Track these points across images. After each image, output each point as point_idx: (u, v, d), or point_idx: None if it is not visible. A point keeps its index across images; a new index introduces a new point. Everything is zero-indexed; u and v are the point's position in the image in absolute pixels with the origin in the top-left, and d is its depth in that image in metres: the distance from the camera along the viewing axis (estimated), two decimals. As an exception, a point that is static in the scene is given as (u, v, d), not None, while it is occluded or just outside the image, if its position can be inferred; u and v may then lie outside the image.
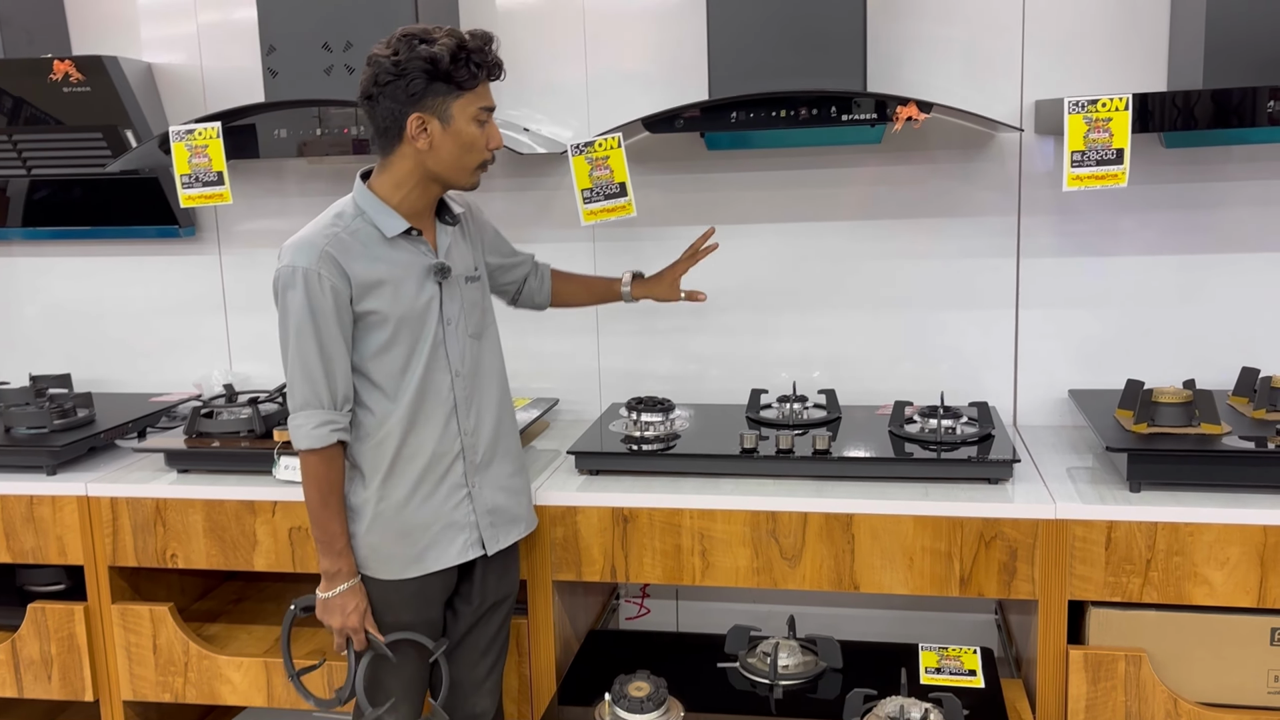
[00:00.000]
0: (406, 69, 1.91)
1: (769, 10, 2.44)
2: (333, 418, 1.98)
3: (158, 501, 2.50)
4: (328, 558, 2.03)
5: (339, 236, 1.98)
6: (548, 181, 2.92)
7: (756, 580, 2.31)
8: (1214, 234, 2.66)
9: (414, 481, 2.06)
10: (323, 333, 1.95)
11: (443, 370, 2.07)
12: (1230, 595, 2.14)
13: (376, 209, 2.02)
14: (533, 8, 2.86)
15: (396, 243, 2.03)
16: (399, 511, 2.06)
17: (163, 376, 3.22)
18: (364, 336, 2.01)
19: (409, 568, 2.08)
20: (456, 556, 2.11)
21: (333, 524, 2.02)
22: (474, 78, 1.95)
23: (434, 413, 2.06)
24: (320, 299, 1.94)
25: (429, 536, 2.08)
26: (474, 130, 1.98)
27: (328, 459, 2.00)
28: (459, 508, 2.11)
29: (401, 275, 2.02)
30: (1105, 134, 2.19)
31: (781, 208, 2.83)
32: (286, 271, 1.96)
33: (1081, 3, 2.61)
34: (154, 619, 2.56)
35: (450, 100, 1.95)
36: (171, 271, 3.18)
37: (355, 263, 1.97)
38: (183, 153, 2.56)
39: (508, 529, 2.19)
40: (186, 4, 3.01)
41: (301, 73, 2.63)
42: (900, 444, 2.45)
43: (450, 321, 2.08)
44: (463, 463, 2.11)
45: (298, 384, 1.98)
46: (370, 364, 2.02)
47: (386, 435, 2.04)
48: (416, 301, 2.03)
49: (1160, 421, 2.32)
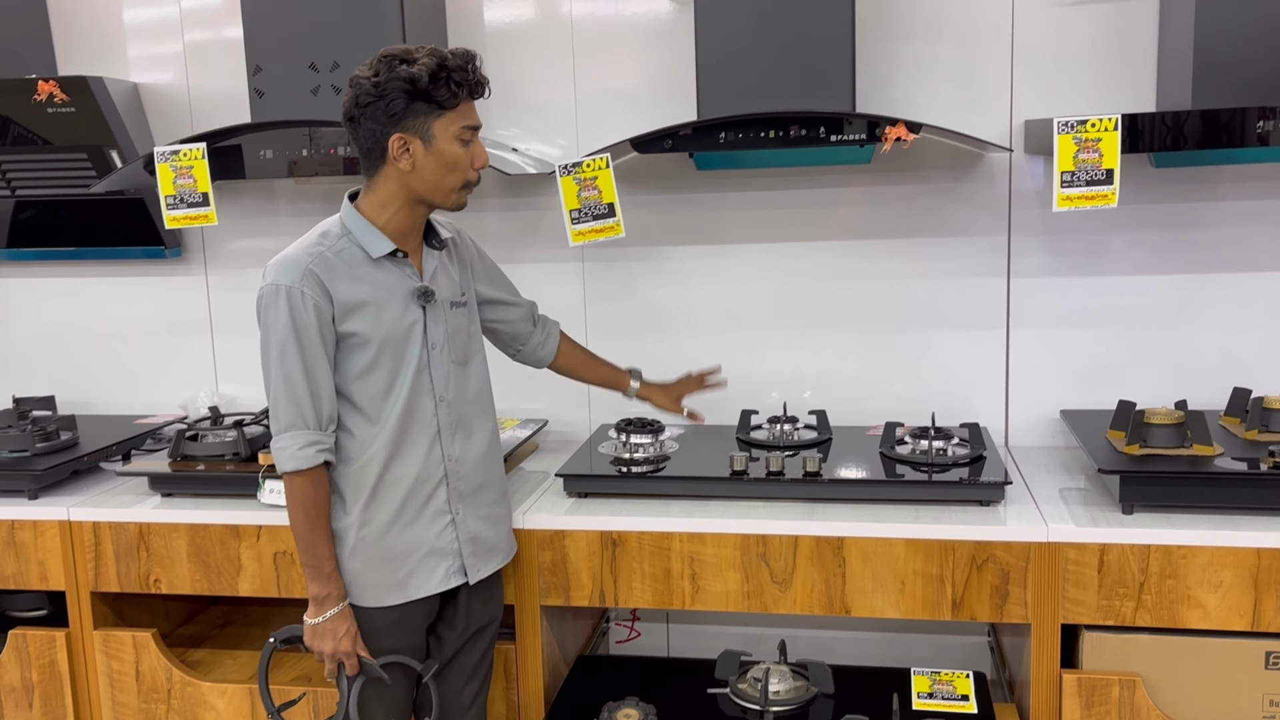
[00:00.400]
0: (386, 90, 1.90)
1: (758, 30, 2.43)
2: (318, 438, 1.96)
3: (141, 526, 2.47)
4: (316, 582, 1.99)
5: (324, 255, 1.96)
6: (537, 201, 2.90)
7: (747, 604, 2.28)
8: (1204, 253, 2.65)
9: (397, 507, 2.04)
10: (307, 352, 1.93)
11: (427, 395, 2.05)
12: (1224, 618, 2.12)
13: (362, 229, 2.00)
14: (522, 27, 2.86)
15: (381, 264, 2.01)
16: (381, 537, 2.03)
17: (148, 398, 3.19)
18: (346, 358, 1.99)
19: (391, 595, 2.05)
20: (439, 584, 2.09)
21: (321, 547, 1.99)
22: (454, 96, 1.93)
23: (418, 438, 2.04)
24: (304, 317, 1.92)
25: (411, 563, 2.06)
26: (457, 150, 1.96)
27: (314, 481, 1.97)
28: (442, 534, 2.09)
29: (385, 297, 2.00)
30: (1095, 154, 2.18)
31: (771, 227, 2.82)
32: (270, 290, 1.94)
33: (1070, 23, 2.61)
34: (137, 645, 2.52)
35: (431, 120, 1.93)
36: (157, 292, 3.15)
37: (339, 282, 1.95)
38: (167, 174, 2.54)
39: (488, 558, 2.17)
40: (173, 23, 3.00)
41: (288, 93, 2.61)
42: (891, 465, 2.43)
43: (435, 346, 2.06)
44: (446, 489, 2.09)
45: (282, 404, 1.95)
46: (353, 386, 2.00)
47: (369, 460, 2.01)
48: (399, 324, 2.01)
49: (1152, 443, 2.30)
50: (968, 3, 2.65)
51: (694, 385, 2.48)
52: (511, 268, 2.91)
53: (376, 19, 2.56)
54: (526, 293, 2.92)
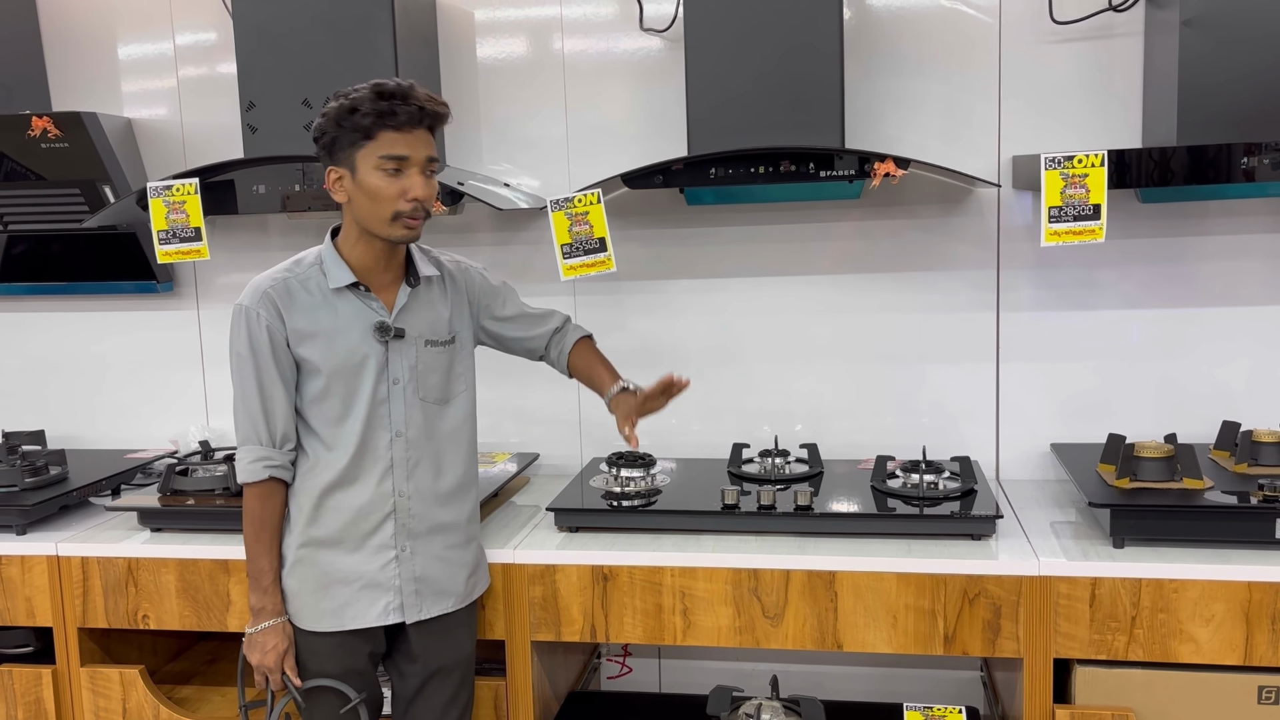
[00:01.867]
0: (323, 126, 1.96)
1: (748, 67, 2.46)
2: (268, 454, 2.02)
3: (130, 561, 2.46)
4: (255, 593, 2.06)
5: (287, 281, 2.03)
6: (529, 236, 2.92)
7: (739, 640, 2.27)
8: (1192, 287, 2.67)
9: (337, 532, 2.06)
10: (261, 371, 2.01)
11: (383, 429, 2.07)
12: (1216, 653, 2.12)
13: (331, 259, 2.05)
14: (513, 63, 2.88)
15: (344, 295, 2.04)
16: (317, 560, 2.06)
17: (139, 433, 3.18)
18: (303, 383, 2.05)
19: (325, 620, 2.07)
20: (376, 619, 2.09)
21: (262, 559, 2.05)
22: (374, 126, 1.92)
23: (369, 469, 2.06)
24: (259, 337, 2.00)
25: (349, 592, 2.07)
26: (377, 180, 1.95)
27: (261, 495, 2.04)
28: (385, 569, 2.09)
29: (340, 328, 2.03)
30: (1082, 190, 2.20)
31: (762, 262, 2.84)
32: (235, 309, 2.03)
33: (1056, 60, 2.64)
34: (124, 682, 2.50)
35: (355, 151, 1.95)
36: (149, 327, 3.15)
37: (294, 309, 2.01)
38: (160, 209, 2.55)
39: (434, 601, 2.14)
40: (167, 59, 3.02)
41: (282, 128, 2.63)
42: (883, 499, 2.43)
43: (397, 381, 2.07)
44: (394, 523, 2.09)
45: (240, 419, 2.05)
46: (308, 409, 2.06)
47: (317, 481, 2.05)
48: (352, 356, 2.04)
49: (1142, 476, 2.31)
50: (955, 40, 2.68)
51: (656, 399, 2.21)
52: (503, 302, 2.94)
53: (369, 55, 2.58)
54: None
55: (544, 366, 2.54)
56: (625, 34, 2.81)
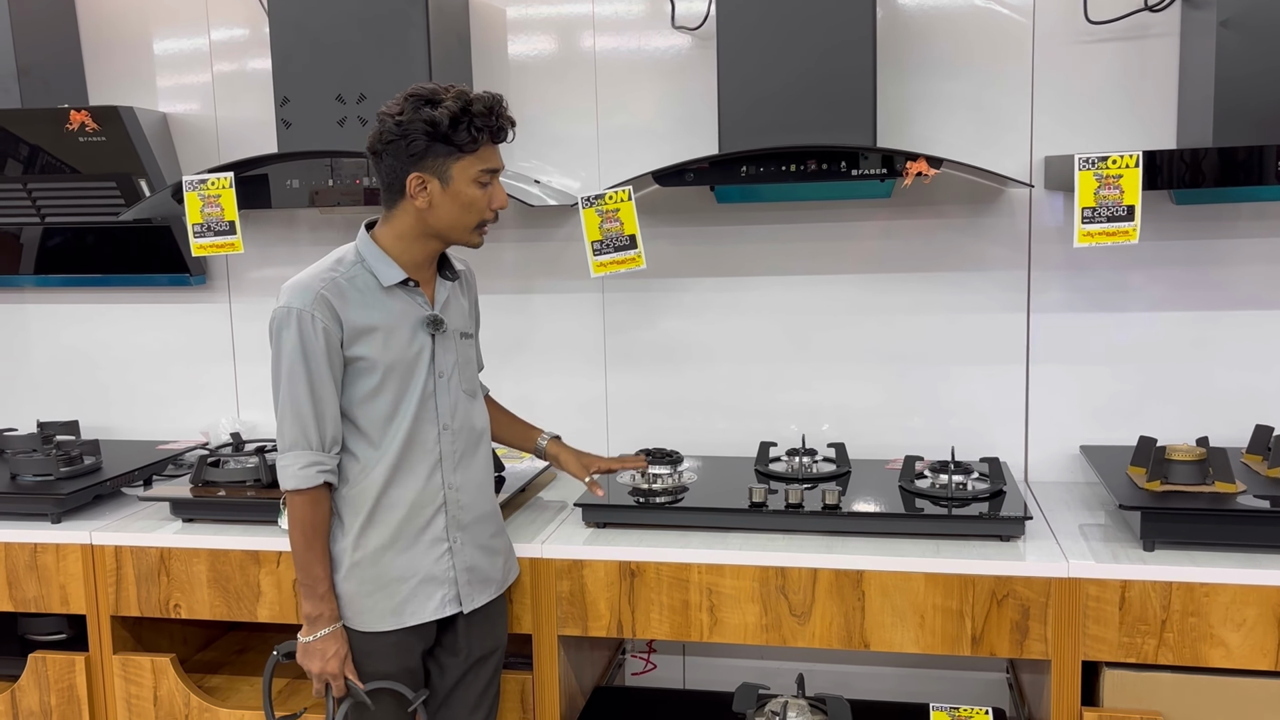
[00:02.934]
0: (409, 130, 1.93)
1: (780, 65, 2.45)
2: (320, 459, 2.00)
3: (162, 551, 2.48)
4: (309, 601, 2.04)
5: (336, 281, 2.00)
6: (558, 233, 2.93)
7: (765, 638, 2.28)
8: (1225, 290, 2.65)
9: (392, 532, 2.06)
10: (314, 374, 1.98)
11: (430, 422, 2.08)
12: (1247, 658, 2.10)
13: (376, 258, 2.04)
14: (544, 61, 2.89)
15: (393, 292, 2.05)
16: (376, 561, 2.06)
17: (171, 424, 3.22)
18: (352, 382, 2.03)
19: (385, 620, 2.07)
20: (434, 612, 2.10)
21: (316, 567, 2.03)
22: (474, 141, 1.95)
23: (418, 464, 2.07)
24: (313, 340, 1.96)
25: (407, 589, 2.08)
26: (473, 191, 1.99)
27: (313, 501, 2.01)
28: (439, 562, 2.10)
29: (394, 324, 2.03)
30: (1116, 190, 2.19)
31: (791, 260, 2.84)
32: (282, 312, 1.98)
33: (1091, 60, 2.63)
34: (155, 670, 2.53)
35: (450, 162, 1.96)
36: (181, 319, 3.18)
37: (349, 308, 1.99)
38: (195, 202, 2.57)
39: (483, 588, 2.18)
40: (203, 54, 3.05)
41: (315, 124, 2.65)
42: (910, 499, 2.43)
43: (442, 374, 2.09)
44: (445, 516, 2.11)
45: (287, 424, 2.00)
46: (357, 410, 2.03)
47: (369, 483, 2.04)
48: (407, 351, 2.04)
49: (1173, 479, 2.29)
50: (989, 39, 2.67)
51: (610, 462, 2.41)
52: (531, 298, 2.96)
53: (403, 52, 2.60)
54: (546, 323, 2.97)
55: (572, 361, 2.56)
56: (656, 32, 2.82)
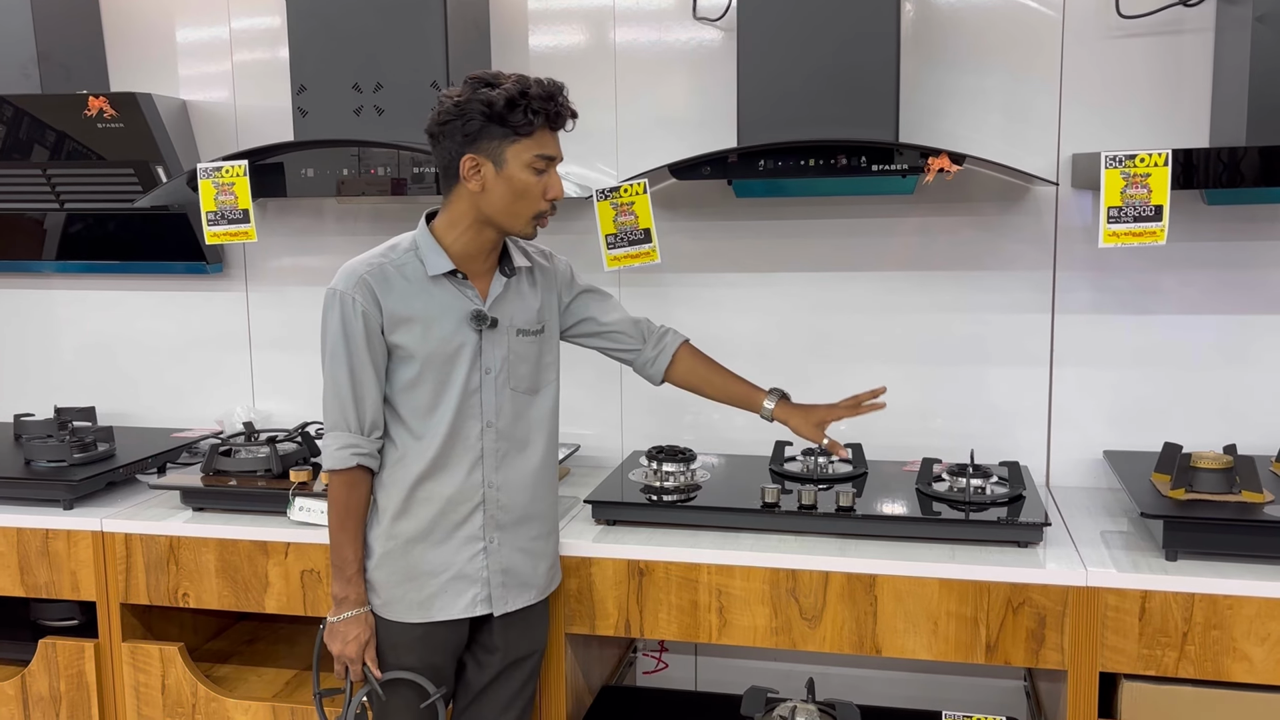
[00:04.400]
0: (465, 110, 1.92)
1: (802, 57, 2.41)
2: (356, 441, 2.00)
3: (171, 539, 2.48)
4: (338, 582, 2.04)
5: (383, 267, 2.00)
6: (575, 225, 2.89)
7: (775, 641, 2.24)
8: (1257, 294, 2.58)
9: (427, 524, 2.04)
10: (354, 357, 1.98)
11: (474, 418, 2.05)
12: (1272, 673, 2.04)
13: (428, 246, 2.02)
14: (564, 51, 2.86)
15: (440, 282, 2.02)
16: (407, 552, 2.04)
17: (186, 412, 3.21)
18: (394, 369, 2.03)
19: (413, 612, 2.05)
20: (464, 610, 2.07)
21: (346, 549, 2.03)
22: (529, 124, 1.93)
23: (459, 459, 2.04)
24: (353, 323, 1.97)
25: (437, 584, 2.05)
26: (528, 177, 1.96)
27: (348, 483, 2.01)
28: (472, 561, 2.07)
29: (436, 315, 2.01)
30: (1144, 190, 2.13)
31: (811, 257, 2.79)
32: (329, 294, 2.01)
33: (1121, 56, 2.56)
34: (164, 658, 2.52)
35: (505, 144, 1.94)
36: (199, 307, 3.18)
37: (391, 295, 1.99)
38: (209, 190, 2.56)
39: (518, 593, 2.14)
40: (223, 43, 3.04)
41: (331, 112, 2.63)
42: (928, 503, 2.38)
43: (489, 371, 2.06)
44: (483, 514, 2.08)
45: (330, 405, 2.02)
46: (399, 398, 2.03)
47: (405, 472, 2.03)
48: (448, 344, 2.02)
49: (1199, 487, 2.23)
50: (1016, 33, 2.61)
51: (845, 411, 2.23)
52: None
53: (421, 42, 2.57)
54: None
55: (585, 356, 2.51)
56: (678, 23, 2.78)
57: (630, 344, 2.29)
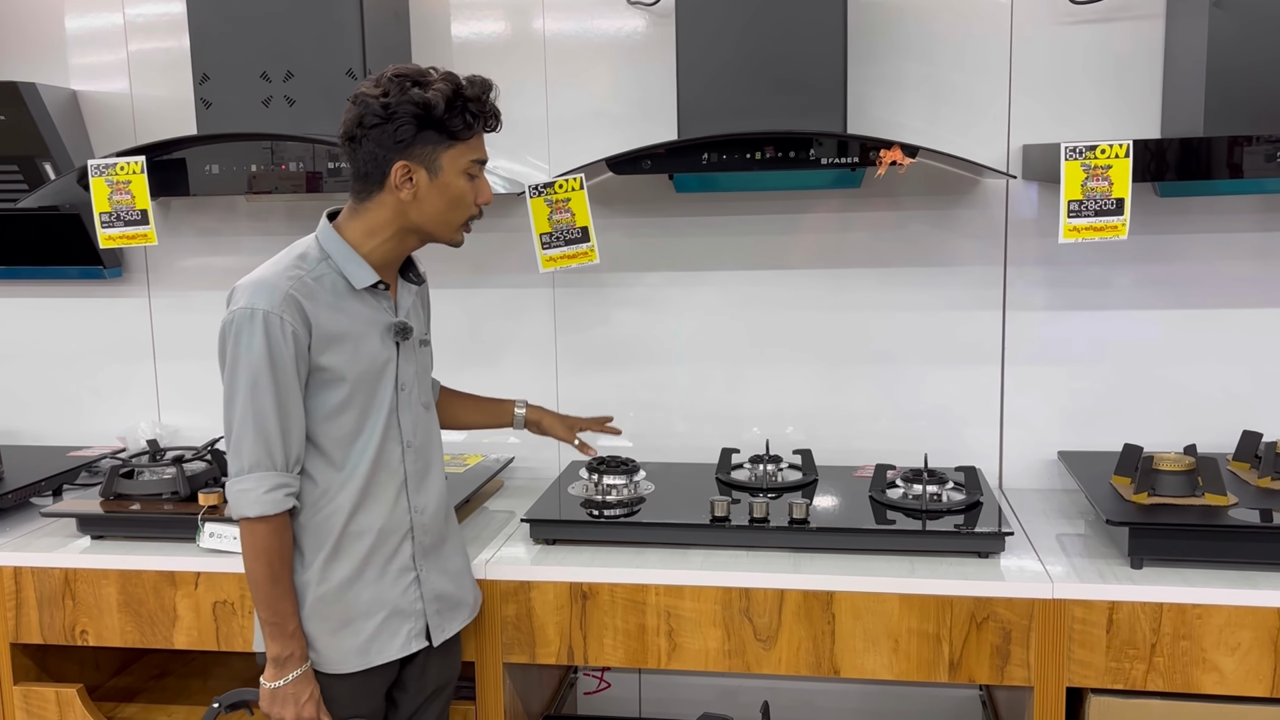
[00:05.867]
0: (396, 113, 1.74)
1: (743, 47, 2.28)
2: (286, 481, 1.78)
3: (67, 571, 2.26)
4: (278, 641, 1.81)
5: (303, 280, 1.78)
6: (505, 223, 2.73)
7: (728, 664, 2.11)
8: (1210, 287, 2.52)
9: (360, 562, 1.86)
10: (281, 385, 1.75)
11: (395, 441, 1.88)
12: (1242, 683, 1.97)
13: (345, 256, 1.82)
14: (490, 39, 2.69)
15: (360, 295, 1.84)
16: (341, 596, 1.85)
17: (84, 429, 2.97)
18: (315, 396, 1.81)
19: (350, 660, 1.86)
20: (400, 648, 1.90)
21: (283, 603, 1.80)
22: (469, 128, 1.78)
23: (385, 487, 1.87)
24: (282, 347, 1.74)
25: (373, 625, 1.87)
26: (463, 184, 1.81)
27: (279, 528, 1.79)
28: (406, 593, 1.91)
29: (363, 331, 1.83)
30: (1104, 183, 2.04)
31: (754, 254, 2.66)
32: (244, 314, 1.74)
33: (1071, 44, 2.48)
34: (61, 702, 2.31)
35: (441, 150, 1.77)
36: (96, 315, 2.94)
37: (319, 311, 1.78)
38: (102, 188, 2.34)
39: (452, 616, 2.00)
40: (117, 29, 2.80)
41: (238, 104, 2.43)
42: (882, 511, 2.27)
43: (405, 387, 1.89)
44: (411, 543, 1.91)
45: (248, 441, 1.75)
46: (320, 427, 1.82)
47: (334, 510, 1.83)
48: (375, 362, 1.84)
49: (1161, 491, 2.15)
50: (964, 22, 2.51)
51: (591, 424, 2.33)
52: (478, 293, 2.77)
53: (334, 28, 2.39)
54: (493, 321, 2.77)
55: (520, 361, 2.39)
56: (610, 9, 2.62)
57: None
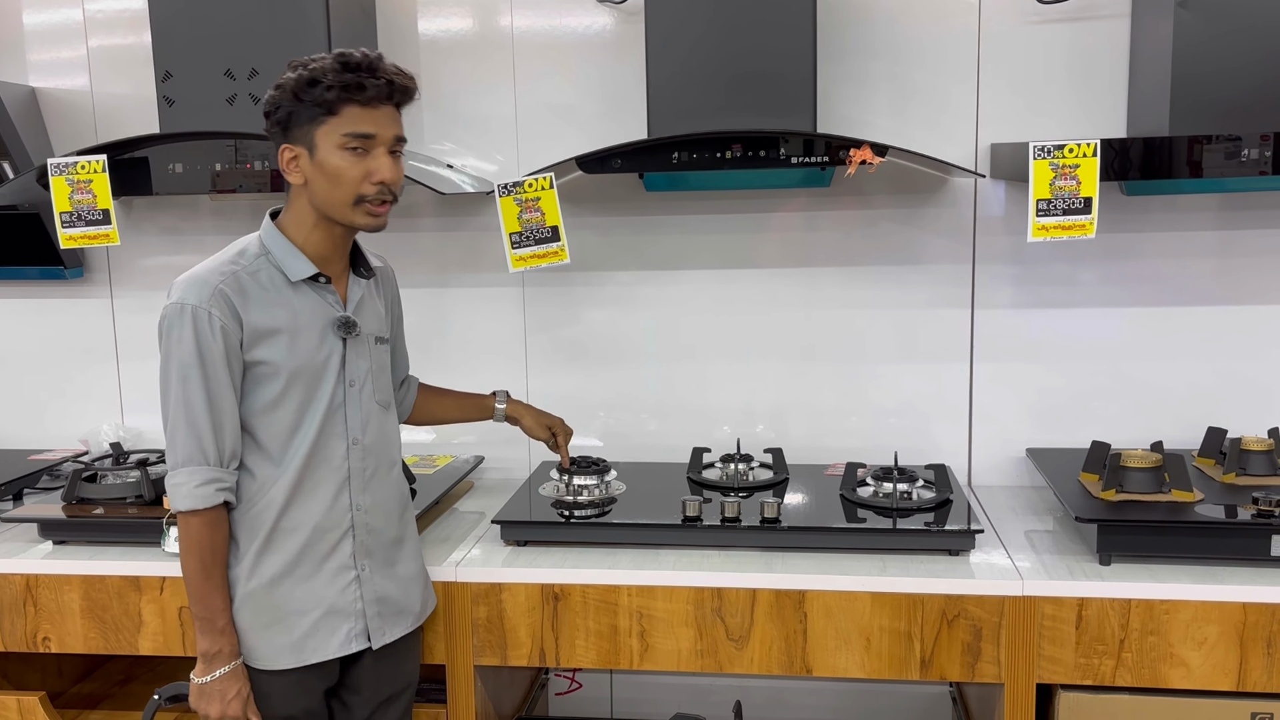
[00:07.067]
0: (279, 99, 1.75)
1: (713, 46, 2.27)
2: (219, 475, 1.78)
3: (28, 578, 2.22)
4: (207, 636, 1.81)
5: (237, 276, 1.78)
6: (474, 222, 2.71)
7: (700, 664, 2.10)
8: (1174, 285, 2.54)
9: (292, 558, 1.85)
10: (211, 380, 1.75)
11: (338, 436, 1.86)
12: (1208, 678, 1.99)
13: (283, 250, 1.82)
14: (457, 36, 2.66)
15: (301, 289, 1.83)
16: (271, 591, 1.84)
17: (46, 432, 2.92)
18: (252, 390, 1.81)
19: (284, 657, 1.86)
20: (338, 648, 1.89)
21: (214, 598, 1.81)
22: (337, 100, 1.73)
23: (323, 482, 1.86)
24: (210, 342, 1.74)
25: (308, 623, 1.86)
26: (339, 160, 1.76)
27: (212, 522, 1.79)
28: (345, 592, 1.89)
29: (302, 325, 1.82)
30: (1072, 181, 2.05)
31: (724, 253, 2.66)
32: (174, 309, 1.76)
33: (1037, 43, 2.49)
34: (22, 710, 2.26)
35: (314, 128, 1.76)
36: (57, 315, 2.89)
37: (251, 306, 1.78)
38: (63, 188, 2.30)
39: (396, 621, 1.97)
40: (77, 25, 2.75)
41: (201, 101, 2.39)
42: (853, 509, 2.27)
43: (354, 384, 1.88)
44: (352, 541, 1.90)
45: (180, 436, 1.77)
46: (257, 421, 1.82)
47: (267, 504, 1.83)
48: (315, 356, 1.83)
49: (1129, 488, 2.17)
50: (932, 21, 2.51)
51: (564, 428, 2.34)
52: (446, 293, 2.74)
53: (299, 23, 2.36)
54: (462, 320, 2.75)
55: (490, 360, 2.37)
56: (579, 6, 2.61)
57: (398, 378, 2.19)
